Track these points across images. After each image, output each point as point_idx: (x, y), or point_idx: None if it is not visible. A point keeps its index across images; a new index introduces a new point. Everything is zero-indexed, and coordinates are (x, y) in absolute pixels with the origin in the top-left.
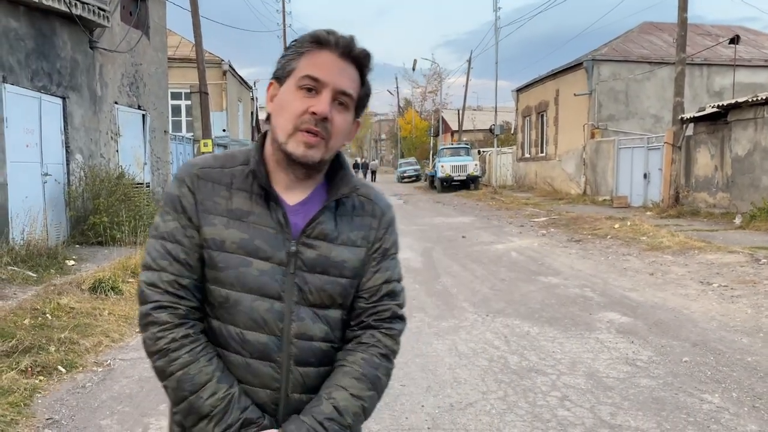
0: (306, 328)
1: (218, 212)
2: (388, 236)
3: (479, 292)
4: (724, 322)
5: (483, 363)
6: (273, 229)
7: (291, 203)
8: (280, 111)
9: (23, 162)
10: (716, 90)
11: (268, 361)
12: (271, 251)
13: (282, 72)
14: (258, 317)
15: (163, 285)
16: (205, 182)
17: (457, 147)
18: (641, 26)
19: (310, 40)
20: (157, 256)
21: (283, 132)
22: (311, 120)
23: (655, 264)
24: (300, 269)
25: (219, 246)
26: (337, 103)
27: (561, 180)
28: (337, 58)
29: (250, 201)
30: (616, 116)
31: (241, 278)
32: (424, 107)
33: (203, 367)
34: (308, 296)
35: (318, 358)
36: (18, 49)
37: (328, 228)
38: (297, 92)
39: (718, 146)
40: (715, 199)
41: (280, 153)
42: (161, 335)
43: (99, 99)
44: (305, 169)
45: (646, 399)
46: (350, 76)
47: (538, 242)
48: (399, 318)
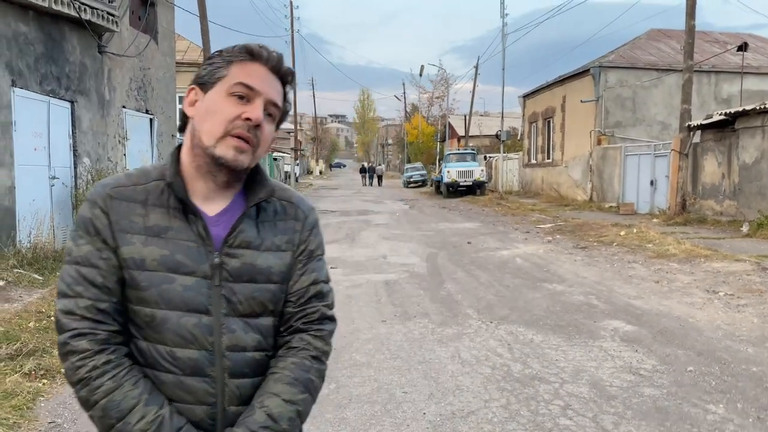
0: (238, 340)
1: (135, 231)
2: (312, 238)
3: (483, 298)
4: (729, 331)
5: (486, 370)
6: (194, 243)
7: (211, 214)
8: (208, 116)
9: (31, 165)
10: (724, 97)
11: (202, 376)
12: (194, 265)
13: (209, 78)
14: (186, 333)
15: (80, 311)
16: (119, 202)
17: (463, 152)
18: (649, 33)
19: (242, 51)
20: (71, 282)
21: (210, 136)
22: (244, 126)
23: (660, 272)
24: (226, 280)
25: (139, 265)
26: (266, 114)
27: (567, 186)
28: (268, 71)
29: (168, 216)
30: (623, 123)
31: (165, 295)
32: (431, 112)
33: (128, 392)
34: (238, 306)
35: (252, 368)
36: (27, 53)
37: (251, 235)
38: (228, 98)
39: (725, 154)
40: (722, 207)
41: (203, 158)
42: (81, 364)
43: (107, 103)
44: (229, 175)
45: (649, 409)
46: (278, 90)
47: (543, 249)
48: (328, 319)
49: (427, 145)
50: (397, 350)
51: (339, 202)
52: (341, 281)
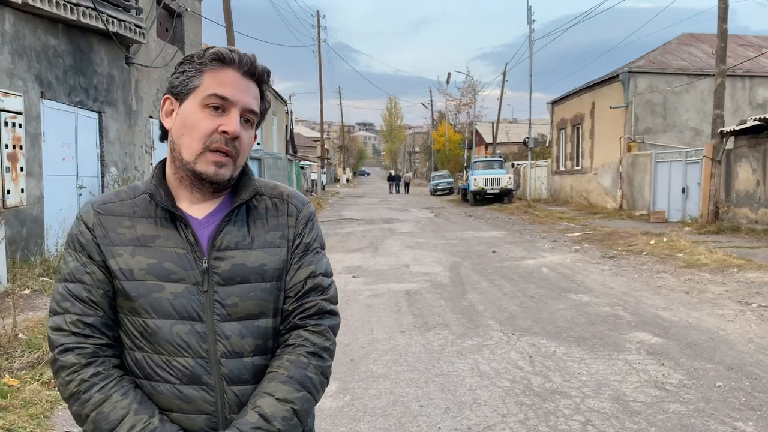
0: (234, 346)
1: (123, 242)
2: (308, 231)
3: (506, 309)
4: (762, 344)
5: (505, 384)
6: (183, 249)
7: (200, 217)
8: (185, 130)
9: (59, 175)
10: (759, 102)
11: (199, 384)
12: (183, 272)
13: (182, 88)
14: (180, 341)
15: (68, 327)
16: (106, 217)
17: (490, 160)
18: (680, 38)
19: (212, 58)
20: (60, 299)
21: (190, 152)
22: (221, 139)
23: (691, 282)
24: (218, 284)
25: (129, 275)
26: (243, 120)
27: (597, 194)
28: (241, 76)
29: (155, 225)
30: (653, 129)
31: (155, 304)
32: (458, 120)
33: (117, 403)
34: (233, 310)
35: (252, 374)
36: (56, 65)
37: (239, 235)
38: (203, 111)
39: (760, 160)
40: (757, 215)
41: (184, 172)
42: (70, 378)
43: (134, 113)
44: (213, 187)
45: (674, 426)
46: (254, 93)
47: (570, 258)
48: (328, 313)
49: (454, 152)
50: (415, 362)
51: (364, 211)
52: (362, 291)
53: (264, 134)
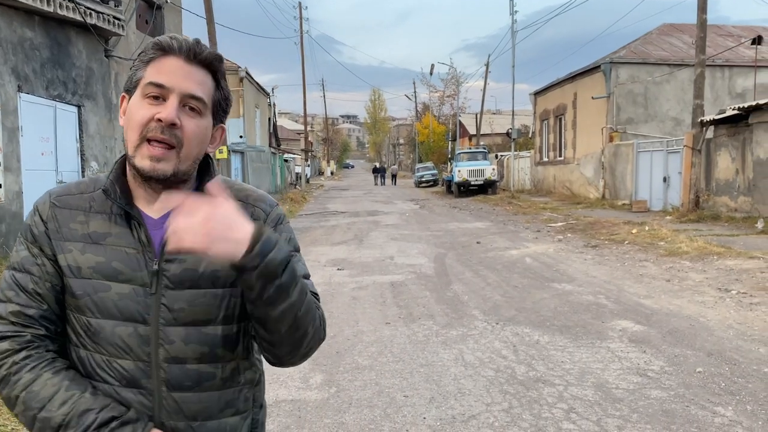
0: (177, 351)
1: (75, 238)
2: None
3: (490, 299)
4: (741, 330)
5: (489, 373)
6: (134, 249)
7: (156, 217)
8: (128, 122)
9: (38, 170)
10: (738, 92)
11: (137, 388)
12: (131, 273)
13: (130, 84)
14: (121, 343)
15: (7, 316)
16: (61, 209)
17: (474, 151)
18: (660, 28)
19: (154, 48)
20: (5, 287)
21: (131, 144)
22: (158, 128)
23: (672, 270)
24: (167, 287)
25: (76, 273)
26: (187, 108)
27: (579, 184)
28: (183, 62)
29: (109, 222)
30: (635, 119)
31: (99, 304)
32: (442, 111)
33: (47, 380)
34: (179, 315)
35: (195, 381)
36: (33, 58)
37: None
38: (143, 101)
39: (739, 149)
40: (737, 203)
41: (133, 168)
42: (1, 363)
43: (114, 107)
44: (161, 184)
45: (655, 411)
46: (199, 79)
47: (553, 248)
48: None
49: (438, 144)
50: (400, 353)
51: (349, 203)
52: (347, 283)
53: (247, 127)
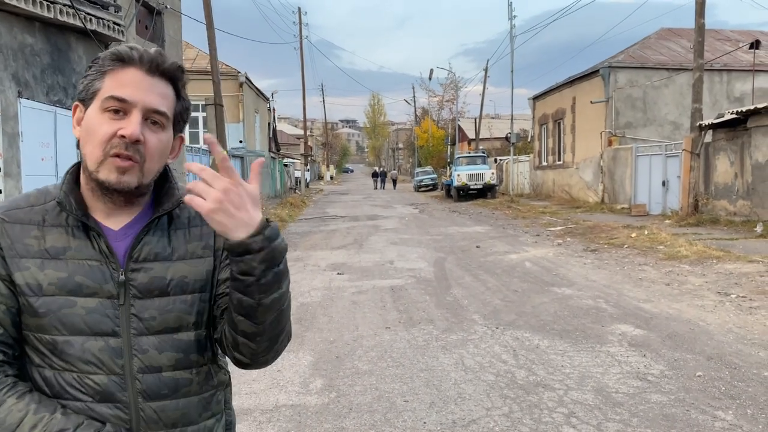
0: (151, 360)
1: (30, 255)
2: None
3: (490, 303)
4: (741, 334)
5: (489, 378)
6: (96, 261)
7: (116, 228)
8: (88, 137)
9: (38, 175)
10: (737, 96)
11: (113, 402)
12: (96, 285)
13: (86, 94)
14: (92, 358)
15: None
16: (12, 225)
17: (473, 156)
18: (659, 32)
19: (112, 58)
20: None
21: (92, 160)
22: (121, 144)
23: (671, 274)
24: (135, 297)
25: (35, 291)
26: (149, 122)
27: (578, 188)
28: (145, 74)
29: (67, 235)
30: (634, 123)
31: (65, 320)
32: (441, 116)
33: (12, 406)
34: (151, 323)
35: (172, 388)
36: (34, 64)
37: (159, 246)
38: (102, 115)
39: (737, 153)
40: (736, 207)
41: (92, 182)
42: None
43: None
44: (123, 196)
45: (656, 416)
46: (161, 92)
47: (553, 252)
48: None
49: (438, 148)
50: (400, 357)
51: (348, 208)
52: (347, 287)
53: (246, 132)
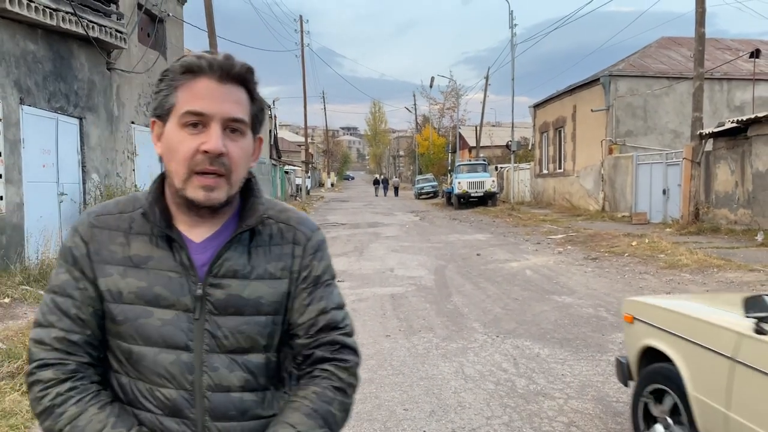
0: (221, 379)
1: (115, 261)
2: (317, 263)
3: (491, 311)
4: None
5: (489, 386)
6: (176, 273)
7: (197, 241)
8: (170, 154)
9: (39, 182)
10: (737, 104)
11: (181, 418)
12: (174, 298)
13: (161, 110)
14: (163, 371)
15: (50, 341)
16: (101, 230)
17: (474, 163)
18: (659, 41)
19: (181, 71)
20: (46, 311)
21: (178, 177)
22: (205, 160)
23: (672, 283)
24: (210, 313)
25: (116, 298)
26: (229, 131)
27: (579, 196)
28: (216, 83)
29: (150, 244)
30: (635, 132)
31: (141, 331)
32: (442, 124)
33: (93, 416)
34: (223, 342)
35: (239, 410)
36: (36, 71)
37: (239, 263)
38: (182, 131)
39: (738, 162)
40: (736, 216)
41: (179, 198)
42: (44, 393)
43: (116, 119)
44: (210, 210)
45: None
46: (235, 99)
47: (553, 260)
48: (349, 348)
49: (438, 156)
50: (400, 366)
51: (349, 215)
52: (347, 295)
53: None
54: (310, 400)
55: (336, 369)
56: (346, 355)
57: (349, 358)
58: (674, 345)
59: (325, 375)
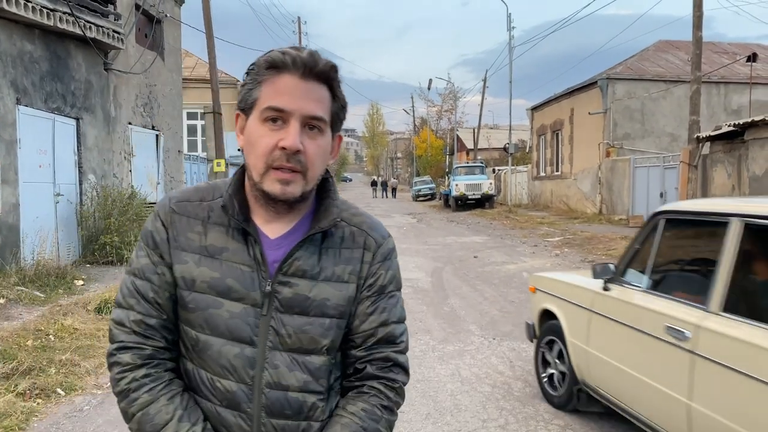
0: (280, 377)
1: (191, 249)
2: (383, 271)
3: (487, 314)
4: None
5: (486, 389)
6: (248, 267)
7: (272, 237)
8: (250, 148)
9: (36, 182)
10: (734, 108)
11: (238, 411)
12: (245, 291)
13: (245, 104)
14: (226, 363)
15: (130, 324)
16: (180, 217)
17: (471, 166)
18: (657, 44)
19: (266, 66)
20: (126, 293)
21: (256, 171)
22: (282, 156)
23: None
24: (276, 310)
25: (190, 285)
26: (308, 128)
27: (576, 199)
28: (299, 80)
29: (226, 236)
30: (632, 135)
31: (210, 320)
32: (440, 126)
33: (163, 407)
34: (286, 340)
35: (295, 410)
36: (32, 71)
37: (308, 263)
38: (262, 126)
39: (735, 165)
40: None
41: (256, 191)
42: (121, 376)
43: (113, 120)
44: (287, 205)
45: None
46: (317, 96)
47: (550, 263)
48: (400, 367)
49: (436, 158)
50: None
51: None
52: None
53: None
54: (360, 417)
55: (385, 388)
56: (396, 374)
57: (399, 378)
58: (558, 305)
59: (374, 393)
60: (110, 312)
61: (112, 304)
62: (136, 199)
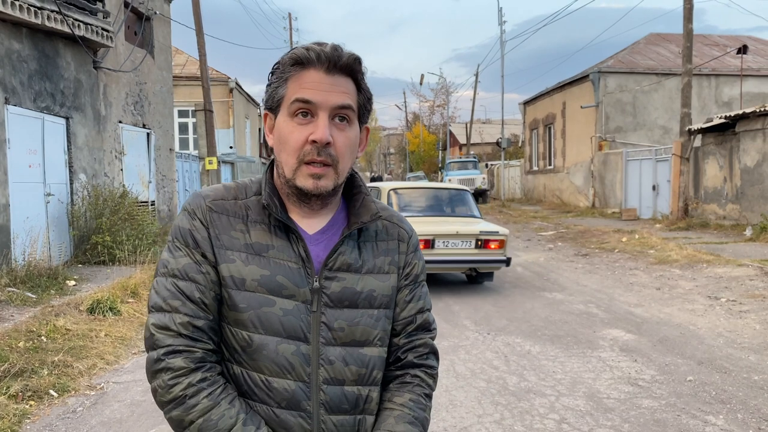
0: (336, 372)
1: (237, 248)
2: (417, 261)
3: (481, 309)
4: (731, 338)
5: (481, 384)
6: (295, 264)
7: (310, 232)
8: (281, 145)
9: (25, 182)
10: (725, 100)
11: (297, 410)
12: (295, 288)
13: (272, 102)
14: (284, 362)
15: (176, 327)
16: (219, 215)
17: (464, 160)
18: (648, 37)
19: (291, 63)
20: (168, 295)
21: (288, 167)
22: (313, 150)
23: (662, 278)
24: (326, 305)
25: (239, 284)
26: (337, 120)
27: (569, 193)
28: (324, 74)
29: (269, 234)
30: (624, 128)
31: (263, 319)
32: (432, 121)
33: (225, 411)
34: (339, 334)
35: (352, 404)
36: (21, 70)
37: (351, 257)
38: (292, 121)
39: (726, 157)
40: (725, 211)
41: (289, 188)
42: (175, 382)
43: (103, 118)
44: (320, 200)
45: (647, 421)
46: (343, 88)
47: (544, 257)
48: (435, 354)
49: (429, 153)
50: None
51: None
52: None
53: (237, 138)
54: (410, 408)
55: (425, 376)
56: (433, 361)
57: (435, 364)
58: None
59: (417, 381)
60: (104, 312)
61: (105, 305)
62: (127, 198)
